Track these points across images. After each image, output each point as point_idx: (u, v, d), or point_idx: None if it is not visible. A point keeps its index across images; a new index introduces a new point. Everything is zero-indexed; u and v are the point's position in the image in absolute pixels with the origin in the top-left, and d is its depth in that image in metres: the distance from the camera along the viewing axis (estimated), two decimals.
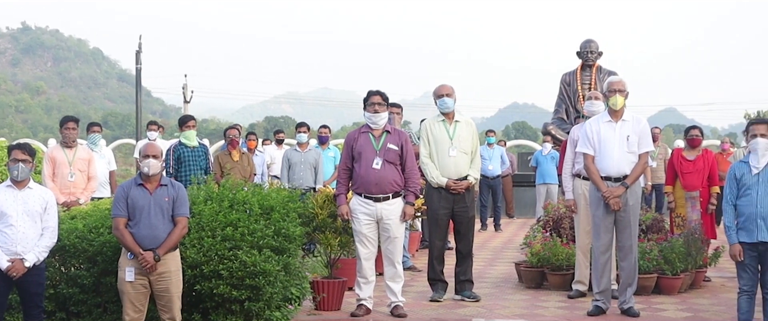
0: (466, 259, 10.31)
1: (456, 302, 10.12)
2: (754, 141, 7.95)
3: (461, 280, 10.30)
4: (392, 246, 9.31)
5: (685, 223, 11.77)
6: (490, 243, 17.24)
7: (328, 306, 9.46)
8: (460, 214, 10.18)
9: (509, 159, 22.34)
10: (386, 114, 9.48)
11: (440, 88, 10.25)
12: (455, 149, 10.05)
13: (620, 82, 9.43)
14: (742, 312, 7.92)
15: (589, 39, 15.43)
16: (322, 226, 9.65)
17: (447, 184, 10.00)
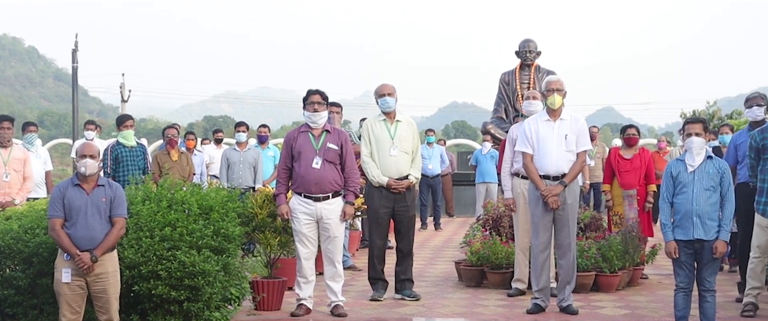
0: (407, 258, 10.32)
1: (396, 301, 10.12)
2: (690, 140, 8.04)
3: (401, 279, 10.30)
4: (332, 245, 9.29)
5: (623, 221, 11.89)
6: (430, 242, 17.29)
7: (268, 306, 9.42)
8: (400, 213, 10.19)
9: (449, 158, 22.45)
10: (326, 113, 9.45)
11: (382, 87, 10.25)
12: (396, 149, 10.05)
13: (558, 82, 9.50)
14: (678, 309, 8.01)
15: (528, 39, 15.45)
16: (262, 225, 9.60)
17: (388, 183, 10.00)
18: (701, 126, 8.12)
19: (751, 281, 9.30)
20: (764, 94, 10.17)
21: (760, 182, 9.18)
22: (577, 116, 9.57)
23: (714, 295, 8.00)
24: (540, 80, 14.30)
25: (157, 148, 17.90)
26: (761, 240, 9.23)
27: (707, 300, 7.96)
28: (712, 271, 7.96)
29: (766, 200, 9.10)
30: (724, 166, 8.04)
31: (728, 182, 7.97)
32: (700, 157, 7.98)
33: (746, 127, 10.31)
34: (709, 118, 29.13)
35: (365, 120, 10.66)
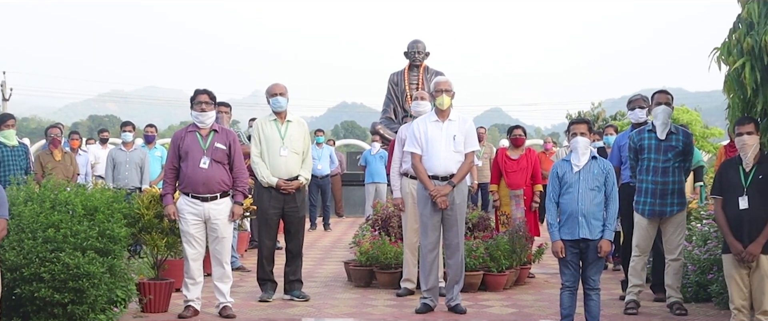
0: (296, 258, 10.29)
1: (285, 302, 10.08)
2: (575, 140, 8.18)
3: (291, 280, 10.26)
4: (220, 246, 9.21)
5: (510, 221, 12.03)
6: (320, 242, 17.26)
7: (154, 308, 9.28)
8: (290, 213, 10.15)
9: (338, 158, 22.42)
10: (214, 113, 9.36)
11: (273, 87, 10.20)
12: (287, 149, 10.01)
13: (447, 83, 9.57)
14: (564, 307, 8.13)
15: (417, 39, 15.55)
16: (149, 226, 9.46)
17: (278, 183, 9.95)
18: (586, 126, 8.27)
19: (632, 279, 9.49)
20: (646, 97, 10.38)
21: (639, 182, 9.38)
22: (465, 117, 9.66)
23: (599, 294, 8.14)
24: (428, 81, 14.40)
25: (40, 148, 17.51)
26: (641, 239, 9.43)
27: (592, 298, 8.10)
28: (596, 269, 8.10)
29: (644, 200, 9.30)
30: (608, 166, 8.20)
31: (612, 182, 8.12)
32: (585, 157, 8.12)
33: (629, 128, 10.52)
34: (593, 119, 29.67)
35: (255, 120, 10.59)
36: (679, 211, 9.32)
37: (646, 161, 9.30)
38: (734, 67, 7.95)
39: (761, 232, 7.72)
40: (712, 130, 29.08)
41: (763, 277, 7.78)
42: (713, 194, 8.27)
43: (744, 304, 7.92)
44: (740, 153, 7.98)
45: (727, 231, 7.93)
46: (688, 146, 9.41)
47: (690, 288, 9.98)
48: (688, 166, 9.52)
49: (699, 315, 9.28)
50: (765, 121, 8.21)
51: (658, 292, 9.99)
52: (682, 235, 9.46)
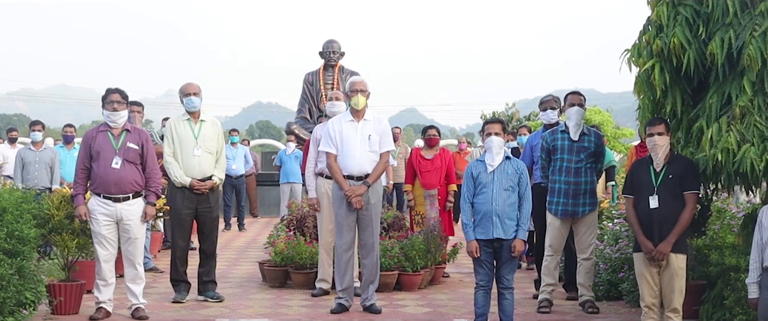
0: (210, 259, 10.21)
1: (199, 303, 9.99)
2: (489, 139, 8.23)
3: (204, 281, 10.18)
4: (133, 247, 9.09)
5: (425, 220, 12.08)
6: (234, 243, 17.15)
7: (65, 310, 9.13)
8: (203, 214, 10.06)
9: (253, 158, 22.33)
10: (126, 112, 9.24)
11: (187, 86, 10.11)
12: (200, 149, 9.93)
13: (362, 83, 9.58)
14: (478, 306, 8.18)
15: (332, 39, 15.54)
16: (59, 227, 9.30)
17: (191, 183, 9.86)
18: (500, 126, 8.33)
19: (545, 278, 9.59)
20: (558, 97, 10.50)
21: (551, 183, 9.49)
22: (380, 117, 9.67)
23: (512, 293, 8.21)
24: (344, 81, 14.40)
25: None
26: (553, 238, 9.53)
27: (506, 297, 8.16)
28: (510, 269, 8.16)
29: (557, 200, 9.41)
30: (522, 166, 8.27)
31: (526, 182, 8.19)
32: (500, 157, 8.17)
33: (541, 129, 10.63)
34: (507, 120, 29.91)
35: (168, 119, 10.47)
36: (591, 211, 9.45)
37: (559, 162, 9.40)
38: (644, 68, 8.07)
39: (671, 231, 7.84)
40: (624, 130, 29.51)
41: (672, 275, 7.90)
42: (624, 194, 8.38)
43: (654, 302, 8.04)
44: (651, 153, 8.10)
45: (638, 230, 8.04)
46: (599, 147, 9.54)
47: (602, 286, 10.11)
48: (599, 166, 9.66)
49: (610, 313, 9.41)
50: (674, 121, 8.35)
51: (570, 290, 10.11)
52: (593, 235, 9.59)
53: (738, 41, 7.50)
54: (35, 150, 14.29)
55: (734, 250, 9.13)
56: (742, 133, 7.40)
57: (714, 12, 7.74)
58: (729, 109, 7.57)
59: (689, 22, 7.83)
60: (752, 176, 7.38)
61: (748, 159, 7.26)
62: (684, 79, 7.97)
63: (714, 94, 7.74)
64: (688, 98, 8.13)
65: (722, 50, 7.54)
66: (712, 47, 7.60)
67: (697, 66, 7.77)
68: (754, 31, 7.41)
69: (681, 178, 7.91)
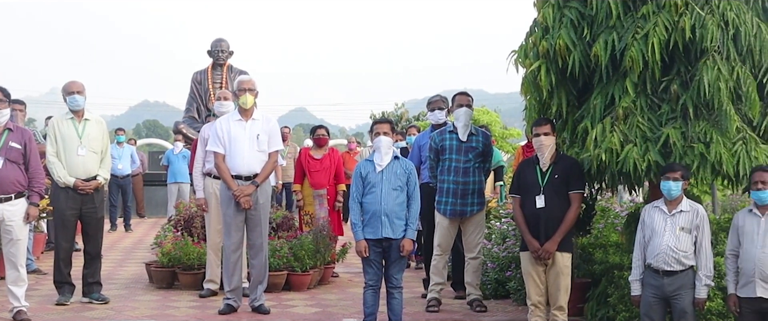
0: (95, 260, 10.04)
1: (84, 305, 9.82)
2: (378, 139, 8.26)
3: (89, 283, 10.00)
4: (15, 248, 8.88)
5: (314, 220, 12.06)
6: (120, 243, 16.90)
7: None
8: (88, 214, 9.88)
9: (140, 158, 22.03)
10: (8, 111, 9.01)
11: (70, 84, 9.91)
12: (84, 148, 9.75)
13: (250, 82, 9.53)
14: (367, 305, 8.19)
15: (220, 38, 15.45)
16: None
17: (75, 184, 9.68)
18: (389, 126, 8.36)
19: (434, 277, 9.66)
20: (445, 98, 10.58)
21: (439, 183, 9.55)
22: (268, 116, 9.64)
23: (401, 292, 8.25)
24: (232, 80, 14.31)
25: None
26: (442, 238, 9.60)
27: (395, 296, 8.19)
28: (399, 268, 8.20)
29: (445, 200, 9.47)
30: (410, 166, 8.31)
31: (414, 182, 8.23)
32: (388, 157, 8.20)
33: (429, 129, 10.70)
34: (397, 120, 30.05)
35: (52, 118, 10.27)
36: (478, 211, 9.54)
37: (448, 162, 9.47)
38: (531, 69, 8.18)
39: (557, 230, 7.97)
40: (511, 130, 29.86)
41: (558, 273, 8.03)
42: (511, 193, 8.49)
43: (541, 300, 8.16)
44: (537, 153, 8.21)
45: (524, 229, 8.15)
46: (487, 147, 9.65)
47: (489, 285, 10.23)
48: (487, 166, 9.76)
49: (498, 311, 9.52)
50: (560, 122, 8.48)
51: (458, 289, 10.20)
52: (481, 234, 9.69)
53: (621, 43, 7.67)
54: None
55: (618, 248, 9.34)
56: (625, 133, 7.56)
57: (598, 14, 7.90)
58: (612, 110, 7.73)
59: (574, 24, 7.98)
60: (635, 176, 7.55)
61: (631, 159, 7.41)
62: (569, 80, 8.11)
63: (598, 95, 7.89)
64: (573, 99, 8.27)
65: (606, 52, 7.70)
66: (596, 49, 7.75)
67: (582, 67, 7.91)
68: (636, 34, 7.59)
69: (566, 177, 8.04)
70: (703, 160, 7.36)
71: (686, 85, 7.55)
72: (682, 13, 7.51)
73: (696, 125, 7.45)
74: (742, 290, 6.93)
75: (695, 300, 7.10)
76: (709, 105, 7.44)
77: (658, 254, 7.12)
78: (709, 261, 7.11)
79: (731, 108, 7.40)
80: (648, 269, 7.25)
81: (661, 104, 7.65)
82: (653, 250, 7.18)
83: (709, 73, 7.36)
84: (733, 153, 7.39)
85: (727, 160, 7.33)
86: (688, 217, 7.18)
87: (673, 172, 7.16)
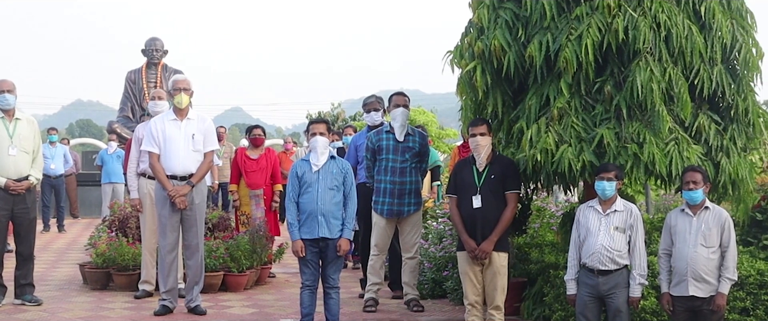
0: (27, 261, 9.91)
1: (16, 307, 9.69)
2: (314, 139, 8.25)
3: (22, 284, 9.88)
4: None
5: (250, 220, 12.03)
6: (53, 244, 16.71)
7: None
8: (20, 215, 9.76)
9: (73, 158, 21.78)
10: None
11: (0, 83, 9.78)
12: (15, 148, 9.63)
13: (185, 81, 9.47)
14: (304, 306, 8.18)
15: (155, 37, 15.37)
16: None
17: (6, 184, 9.55)
18: (325, 126, 8.35)
19: (371, 277, 9.67)
20: (381, 98, 10.59)
21: (377, 183, 9.56)
22: (204, 116, 9.59)
23: (338, 292, 8.24)
24: (167, 79, 14.23)
25: None
26: (379, 238, 9.61)
27: (332, 296, 8.19)
28: (336, 268, 8.20)
29: (382, 200, 9.48)
30: (347, 165, 8.31)
31: (351, 182, 8.23)
32: (324, 157, 8.19)
33: (365, 129, 10.70)
34: (333, 120, 30.05)
35: None
36: (415, 211, 9.57)
37: (384, 162, 9.48)
38: (466, 69, 8.22)
39: (493, 229, 8.02)
40: (448, 130, 30.02)
41: (495, 273, 8.08)
42: (448, 193, 8.53)
43: (477, 300, 8.20)
44: (474, 153, 8.25)
45: (461, 229, 8.19)
46: (424, 147, 9.67)
47: (426, 285, 10.26)
48: (424, 166, 9.79)
49: (435, 311, 9.56)
50: (496, 122, 8.53)
51: (395, 289, 10.22)
52: (418, 234, 9.71)
53: (555, 44, 7.73)
54: None
55: (553, 247, 9.42)
56: (560, 133, 7.63)
57: (532, 15, 7.96)
58: (547, 111, 7.79)
59: (509, 24, 8.03)
60: (570, 176, 7.62)
61: (565, 159, 7.48)
62: (505, 80, 8.16)
63: (533, 96, 7.94)
64: (508, 99, 8.32)
65: (540, 53, 7.76)
66: (531, 50, 7.80)
67: (517, 68, 7.96)
68: (570, 35, 7.66)
69: (502, 177, 8.10)
70: (637, 160, 7.45)
71: (620, 86, 7.64)
72: (615, 15, 7.59)
73: (629, 126, 7.53)
74: (675, 289, 7.04)
75: (630, 299, 7.19)
76: (642, 106, 7.54)
77: (593, 253, 7.20)
78: (643, 260, 7.20)
79: (664, 109, 7.49)
80: (583, 268, 7.32)
81: (595, 105, 7.73)
82: (588, 250, 7.25)
83: (641, 74, 7.46)
84: (666, 153, 7.49)
85: (660, 160, 7.42)
86: (622, 216, 7.26)
87: (607, 172, 7.24)
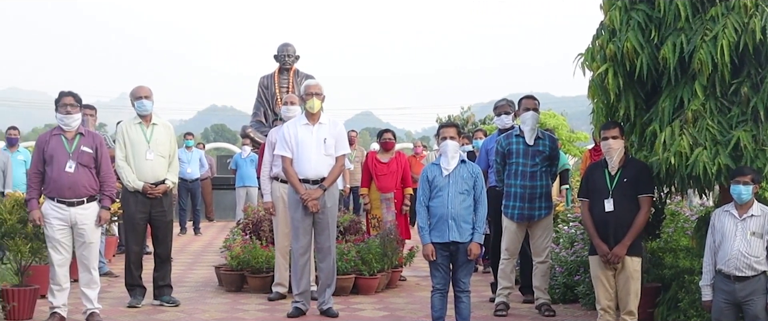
0: (165, 263, 10.16)
1: (155, 307, 9.93)
2: (445, 143, 8.25)
3: (160, 285, 10.12)
4: (87, 251, 9.00)
5: (381, 224, 12.07)
6: (190, 247, 17.06)
7: (19, 315, 9.04)
8: (157, 218, 10.01)
9: (208, 162, 22.22)
10: (79, 115, 9.14)
11: (138, 89, 10.05)
12: (152, 153, 9.87)
13: (317, 86, 9.57)
14: (435, 309, 8.18)
15: (287, 42, 15.53)
16: (12, 231, 9.22)
17: (144, 188, 9.80)
18: (455, 130, 8.35)
19: (502, 281, 9.62)
20: (512, 101, 10.53)
21: (506, 187, 9.52)
22: (335, 120, 9.67)
23: (469, 296, 8.23)
24: (299, 84, 14.39)
25: None
26: (509, 242, 9.57)
27: (462, 300, 8.18)
28: (466, 272, 8.18)
29: (513, 204, 9.44)
30: (477, 169, 8.28)
31: (481, 186, 8.21)
32: (455, 161, 8.18)
33: (496, 133, 10.67)
34: (463, 124, 29.95)
35: (120, 123, 10.42)
36: (546, 215, 9.49)
37: (514, 166, 9.44)
38: (598, 72, 8.13)
39: (626, 234, 7.92)
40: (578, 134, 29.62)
41: (628, 278, 7.97)
42: (580, 197, 8.45)
43: (610, 305, 8.11)
44: (606, 156, 8.16)
45: (593, 233, 8.10)
46: (554, 151, 9.59)
47: (558, 289, 10.17)
48: (554, 170, 9.71)
49: (566, 316, 9.46)
50: (628, 125, 8.41)
51: (526, 293, 10.15)
52: (549, 238, 9.64)
53: (689, 46, 7.58)
54: None
55: (688, 252, 9.23)
56: (695, 136, 7.48)
57: (666, 16, 7.82)
58: (681, 113, 7.65)
59: (642, 26, 7.91)
60: (705, 179, 7.46)
61: (700, 163, 7.33)
62: (637, 83, 8.04)
63: (666, 98, 7.81)
64: (641, 102, 8.20)
65: (674, 54, 7.62)
66: (665, 51, 7.67)
67: (649, 70, 7.84)
68: (705, 36, 7.49)
69: (635, 181, 7.98)
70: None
71: (757, 88, 7.45)
72: (752, 15, 7.39)
73: (767, 128, 7.35)
74: None
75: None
76: None
77: (729, 259, 7.05)
78: None
79: None
80: (719, 274, 7.17)
81: (731, 107, 7.56)
82: (724, 255, 7.10)
83: None
84: None
85: None
86: (760, 221, 7.09)
87: (744, 176, 7.08)
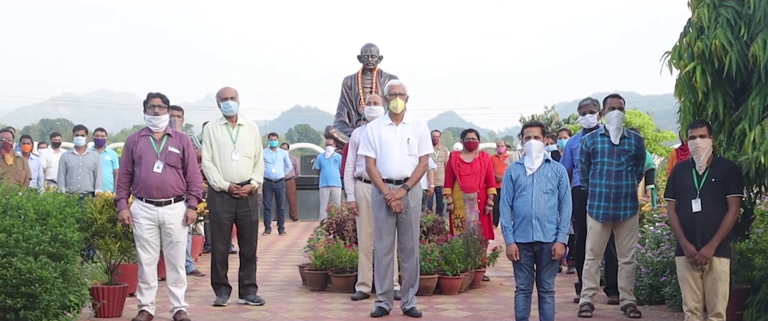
0: (250, 262, 10.25)
1: (240, 306, 10.03)
2: (528, 143, 8.21)
3: (245, 284, 10.22)
4: (175, 250, 9.13)
5: (464, 224, 12.03)
6: (274, 246, 17.21)
7: (108, 313, 9.20)
8: (243, 218, 10.11)
9: (292, 162, 22.40)
10: (167, 117, 9.27)
11: (224, 90, 10.16)
12: (238, 153, 9.98)
13: (400, 86, 9.58)
14: (519, 310, 8.15)
15: (370, 43, 15.57)
16: (102, 231, 9.39)
17: (230, 188, 9.91)
18: (539, 129, 8.30)
19: (586, 282, 9.54)
20: (597, 101, 10.44)
21: (591, 187, 9.44)
22: (419, 120, 9.67)
23: (553, 296, 8.17)
24: (382, 84, 14.43)
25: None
26: (594, 242, 9.48)
27: (546, 301, 8.13)
28: (550, 272, 8.13)
29: (597, 204, 9.35)
30: (562, 169, 8.23)
31: (566, 185, 8.15)
32: (539, 161, 8.14)
33: (580, 132, 10.58)
34: (547, 123, 29.76)
35: (207, 124, 10.54)
36: (632, 215, 9.39)
37: (600, 165, 9.35)
38: (685, 70, 8.03)
39: (714, 234, 7.80)
40: (664, 133, 29.25)
41: (715, 279, 7.85)
42: (666, 197, 8.34)
43: (697, 306, 8.00)
44: (693, 156, 8.05)
45: (680, 233, 8.00)
46: (640, 150, 9.48)
47: (643, 290, 10.05)
48: (640, 169, 9.60)
49: (652, 317, 9.34)
50: (716, 124, 8.29)
51: (612, 294, 10.04)
52: (634, 238, 9.53)
53: None
54: (78, 154, 14.39)
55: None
56: None
57: (756, 13, 7.69)
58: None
59: (731, 23, 7.79)
60: None
61: None
62: (726, 81, 7.93)
63: (756, 96, 7.69)
64: (730, 100, 8.08)
65: (765, 52, 7.49)
66: (755, 49, 7.54)
67: (739, 68, 7.72)
68: None
69: (724, 181, 7.86)
70: None
71: None
72: None
73: None
74: None
75: None
76: None
77: None
78: None
79: None
80: None
81: None
82: None
83: None
84: None
85: None
86: None
87: None
